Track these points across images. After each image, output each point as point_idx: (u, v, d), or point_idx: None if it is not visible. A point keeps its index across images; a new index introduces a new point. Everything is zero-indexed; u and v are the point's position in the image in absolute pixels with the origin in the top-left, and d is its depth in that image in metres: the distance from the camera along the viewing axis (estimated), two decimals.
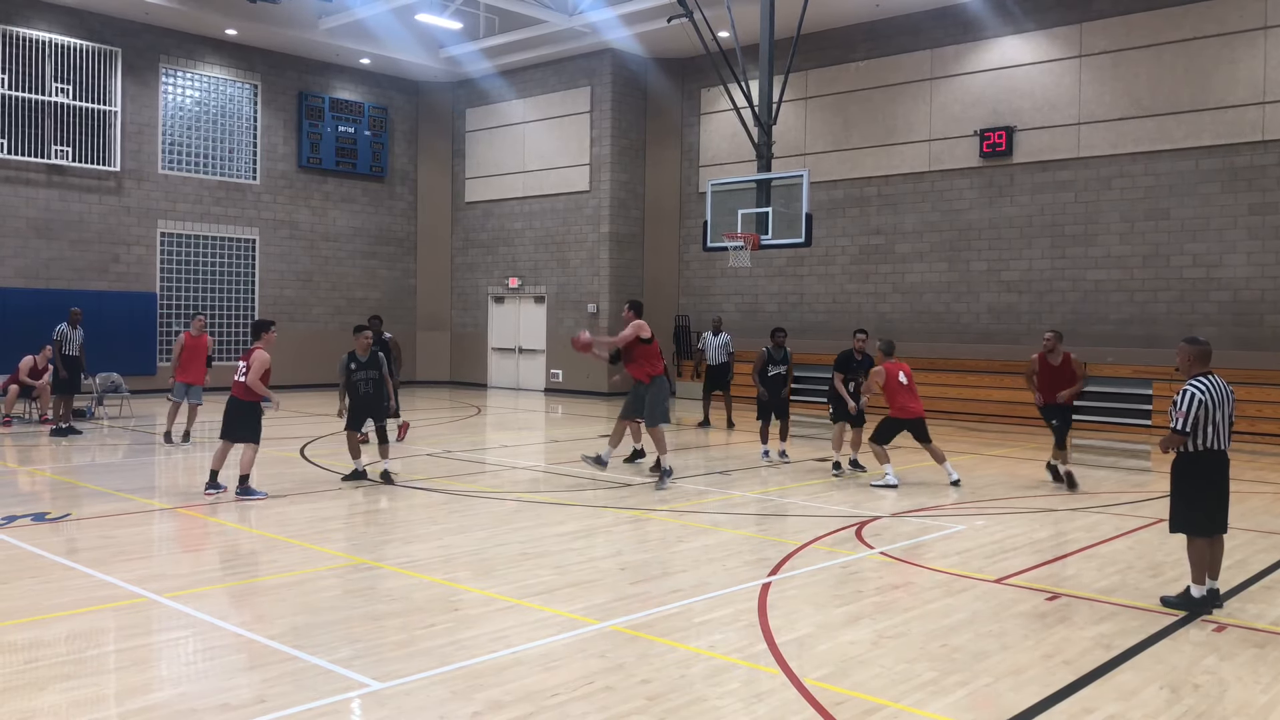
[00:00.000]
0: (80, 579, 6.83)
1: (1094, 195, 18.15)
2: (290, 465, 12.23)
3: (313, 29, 22.49)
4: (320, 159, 24.53)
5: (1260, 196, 16.54)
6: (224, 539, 8.33)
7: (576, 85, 24.03)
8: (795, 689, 4.95)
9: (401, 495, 10.31)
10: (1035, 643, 5.75)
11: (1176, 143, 17.27)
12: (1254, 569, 7.63)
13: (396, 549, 7.86)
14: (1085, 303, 18.19)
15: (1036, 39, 18.83)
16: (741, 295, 22.91)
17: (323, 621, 5.92)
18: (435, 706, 4.66)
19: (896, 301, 20.51)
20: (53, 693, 4.77)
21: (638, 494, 10.54)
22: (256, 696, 4.74)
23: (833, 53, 21.31)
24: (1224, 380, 6.58)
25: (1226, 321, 16.78)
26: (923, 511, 9.78)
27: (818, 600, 6.55)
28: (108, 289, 21.24)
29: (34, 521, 8.65)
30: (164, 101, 22.20)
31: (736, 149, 21.97)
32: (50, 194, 20.66)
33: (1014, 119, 18.97)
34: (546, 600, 6.47)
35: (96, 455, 13.23)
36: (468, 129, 26.46)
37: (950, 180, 19.84)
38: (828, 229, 21.02)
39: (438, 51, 24.51)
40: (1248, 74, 16.58)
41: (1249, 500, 10.63)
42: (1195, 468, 6.48)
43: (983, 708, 4.77)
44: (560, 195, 24.42)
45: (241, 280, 23.58)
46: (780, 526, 9.23)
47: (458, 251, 26.85)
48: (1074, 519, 9.55)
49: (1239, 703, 4.91)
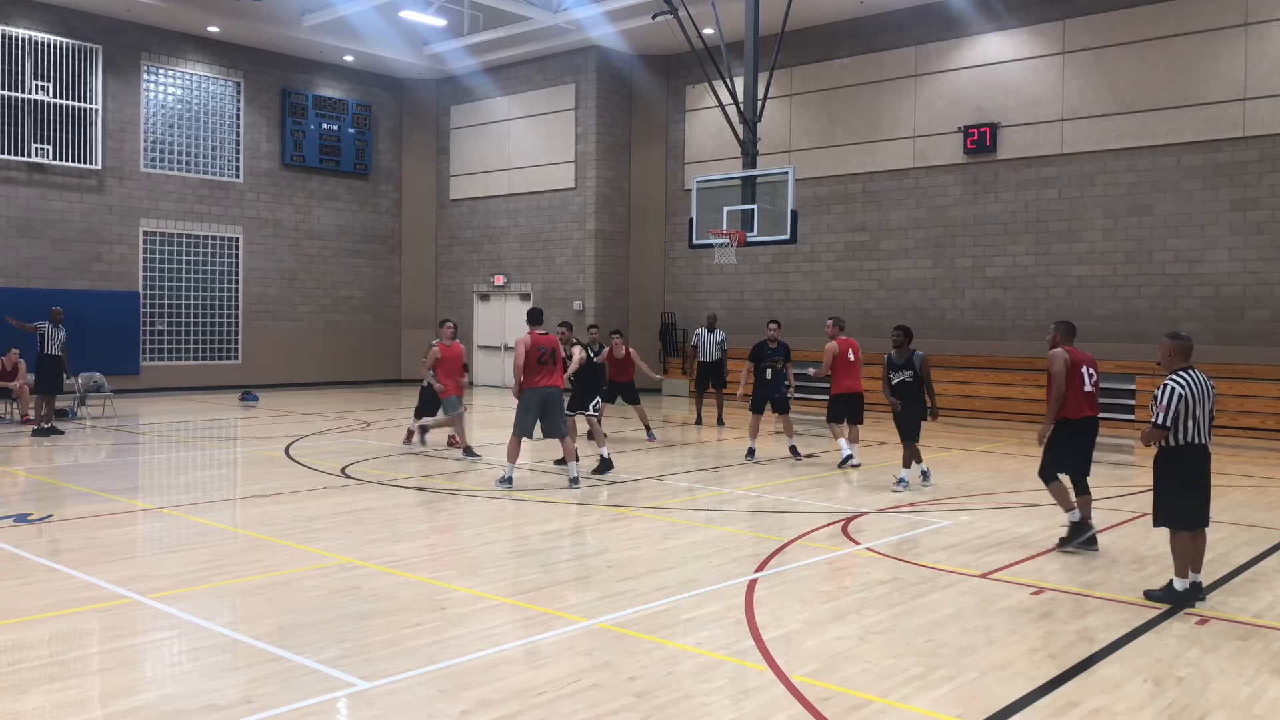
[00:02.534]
0: (64, 580, 6.78)
1: (1077, 191, 18.25)
2: (275, 465, 12.18)
3: (296, 26, 22.38)
4: (304, 156, 24.42)
5: (1242, 192, 16.66)
6: (209, 539, 8.29)
7: (561, 82, 23.99)
8: (782, 685, 4.96)
9: (387, 494, 10.28)
10: (1021, 637, 5.78)
11: (1159, 139, 17.37)
12: (1236, 562, 7.69)
13: (383, 548, 7.84)
14: (1069, 298, 18.28)
15: (1020, 36, 18.91)
16: (727, 292, 22.93)
17: (309, 621, 5.90)
18: (423, 705, 4.65)
19: (882, 298, 20.56)
20: (37, 695, 4.73)
21: (624, 492, 10.55)
22: (243, 697, 4.72)
23: (817, 49, 21.34)
24: (1205, 375, 6.64)
25: (1208, 317, 16.90)
26: (909, 507, 9.81)
27: (804, 596, 6.57)
28: (90, 288, 21.10)
29: (16, 523, 8.59)
30: (146, 99, 22.05)
31: (722, 146, 21.98)
32: (31, 193, 20.50)
33: (998, 115, 19.04)
34: (533, 598, 6.46)
35: (79, 456, 13.14)
36: (452, 126, 26.39)
37: (935, 177, 19.90)
38: (813, 226, 21.06)
39: (422, 48, 24.43)
40: (1229, 70, 16.69)
41: (1231, 494, 10.71)
42: (1177, 462, 6.54)
43: (969, 702, 4.79)
44: (545, 192, 24.39)
45: (225, 279, 23.46)
46: (767, 523, 9.25)
47: (443, 249, 26.78)
48: (1058, 514, 9.58)
49: (1222, 695, 4.95)
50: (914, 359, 10.43)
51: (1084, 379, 7.89)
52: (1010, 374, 18.36)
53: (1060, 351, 7.95)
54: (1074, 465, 8.04)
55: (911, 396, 10.51)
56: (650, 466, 12.42)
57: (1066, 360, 7.88)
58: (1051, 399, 7.89)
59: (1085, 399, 7.91)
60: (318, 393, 22.96)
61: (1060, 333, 8.11)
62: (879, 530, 8.74)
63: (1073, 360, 7.91)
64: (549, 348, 10.65)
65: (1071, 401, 7.87)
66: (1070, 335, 8.14)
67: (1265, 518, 9.51)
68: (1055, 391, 7.86)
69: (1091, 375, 7.96)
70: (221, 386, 22.89)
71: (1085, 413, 7.93)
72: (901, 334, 10.57)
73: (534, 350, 10.56)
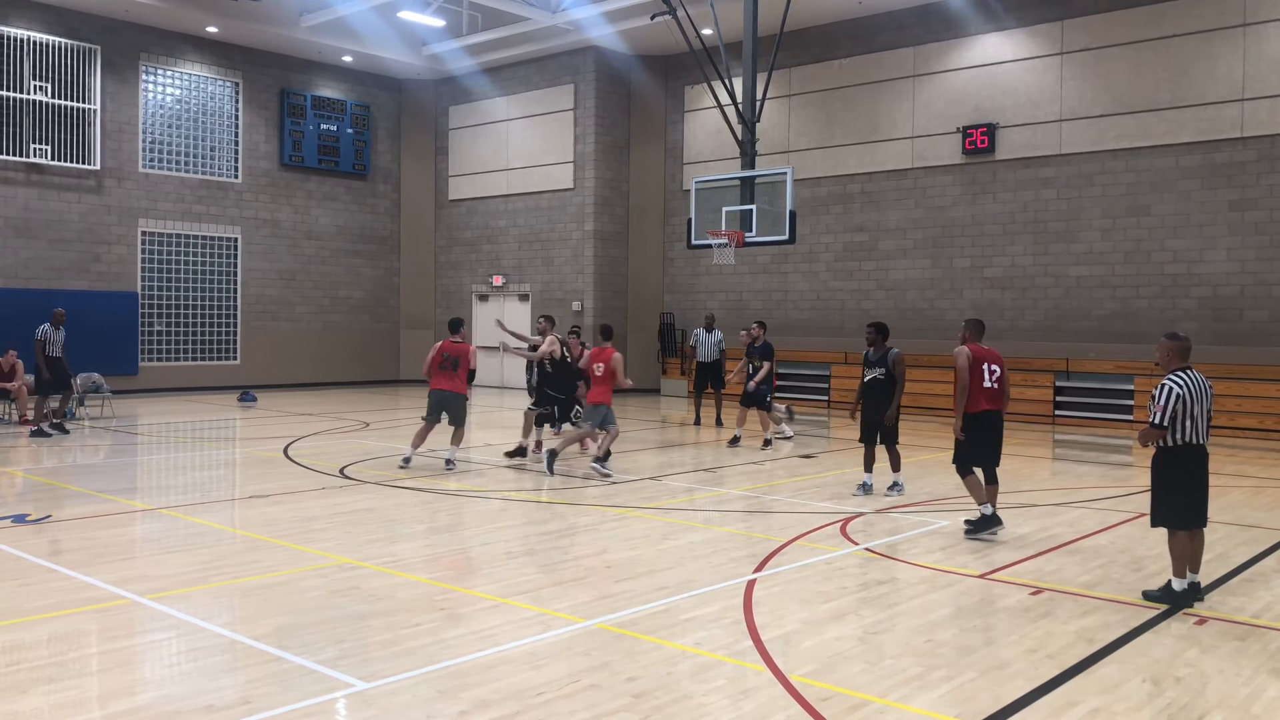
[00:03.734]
0: (62, 581, 6.78)
1: (1076, 192, 18.26)
2: (274, 465, 12.18)
3: (294, 26, 22.37)
4: (302, 157, 24.41)
5: (1240, 193, 16.67)
6: (207, 540, 8.29)
7: (560, 83, 23.99)
8: (781, 685, 4.96)
9: (386, 495, 10.28)
10: (1019, 637, 5.78)
11: (1157, 139, 17.38)
12: (1234, 562, 7.70)
13: (381, 548, 7.83)
14: (1067, 299, 18.29)
15: (1018, 36, 18.92)
16: (726, 293, 22.94)
17: (308, 622, 5.90)
18: (421, 706, 4.65)
19: (880, 298, 20.57)
20: (35, 696, 4.73)
21: (623, 492, 10.55)
22: (241, 698, 4.72)
23: (816, 50, 21.35)
24: (1203, 375, 6.65)
25: (1206, 317, 16.91)
26: (907, 507, 9.82)
27: (803, 596, 6.57)
28: (88, 289, 21.08)
29: (15, 523, 8.59)
30: (144, 99, 22.04)
31: (720, 146, 21.98)
32: (29, 193, 20.48)
33: (996, 116, 19.05)
34: (532, 599, 6.46)
35: (78, 456, 13.13)
36: (451, 126, 26.38)
37: (933, 177, 19.91)
38: (811, 226, 21.07)
39: (420, 49, 24.42)
40: (1227, 71, 16.70)
41: (1229, 494, 10.72)
42: (1175, 462, 6.55)
43: (967, 702, 4.79)
44: (544, 193, 24.39)
45: (224, 279, 23.45)
46: (765, 523, 9.25)
47: (441, 249, 26.78)
48: (1057, 514, 9.61)
49: (1220, 695, 4.96)
50: (888, 357, 10.22)
51: (984, 375, 8.31)
52: (1010, 374, 18.34)
53: (963, 349, 8.38)
54: (986, 458, 8.46)
55: (878, 395, 10.22)
56: (649, 467, 12.42)
57: (969, 356, 8.31)
58: (957, 394, 8.31)
59: (985, 394, 8.32)
60: (316, 393, 22.95)
61: (969, 330, 8.59)
62: (877, 530, 8.74)
63: (974, 356, 8.33)
64: (453, 355, 11.78)
65: (973, 396, 8.29)
66: (979, 333, 8.60)
67: (1263, 518, 9.52)
68: (959, 386, 8.26)
69: (994, 372, 8.35)
70: (220, 387, 22.88)
71: (984, 407, 8.31)
72: (873, 330, 10.38)
73: (438, 355, 11.82)
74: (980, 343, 8.57)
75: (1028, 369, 18.22)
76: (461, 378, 11.81)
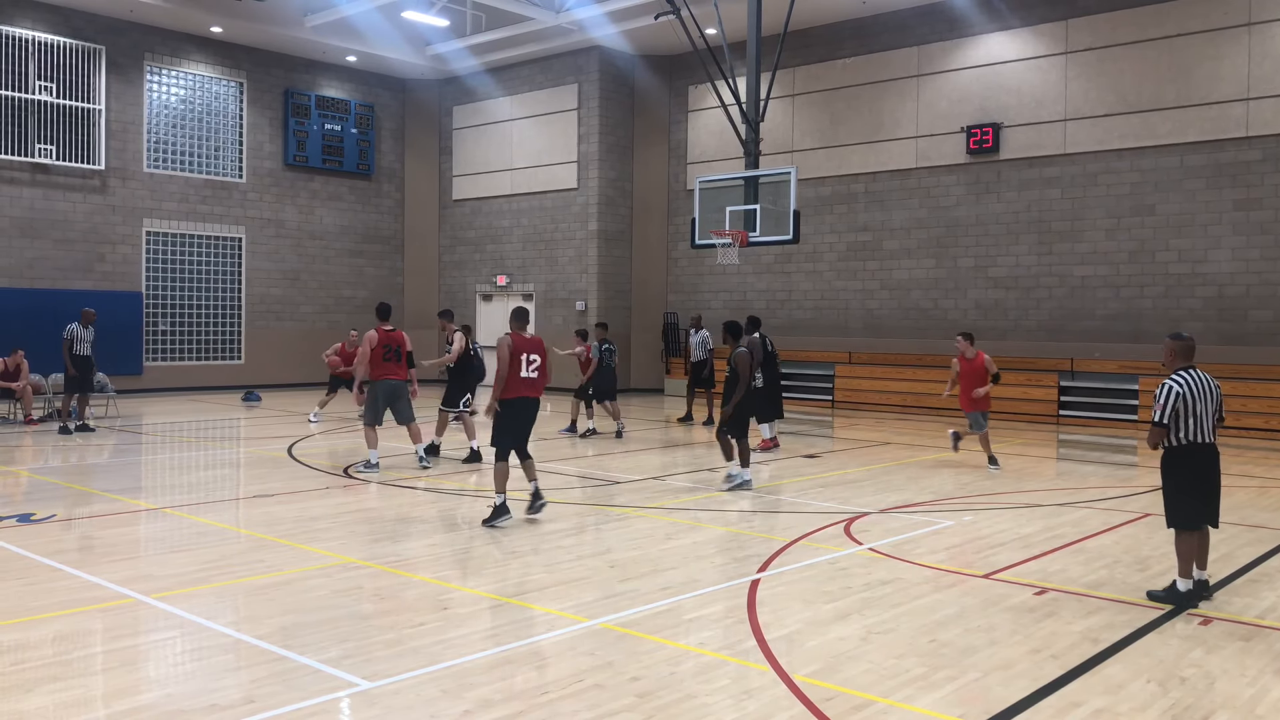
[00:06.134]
0: (67, 580, 6.79)
1: (1080, 191, 18.23)
2: (278, 465, 12.19)
3: (298, 27, 22.40)
4: (307, 157, 24.43)
5: (1245, 192, 16.64)
6: (211, 539, 8.30)
7: (564, 82, 24.00)
8: (785, 685, 4.96)
9: (389, 494, 10.29)
10: (1023, 637, 5.77)
11: (1162, 139, 17.35)
12: (1240, 562, 7.68)
13: (385, 548, 7.84)
14: (1071, 298, 18.26)
15: (1023, 36, 18.89)
16: (730, 292, 22.93)
17: (311, 621, 5.90)
18: (425, 705, 4.66)
19: (884, 298, 20.55)
20: (40, 695, 4.74)
21: (626, 492, 10.55)
22: (245, 697, 4.73)
23: (820, 50, 21.33)
24: (1208, 375, 6.64)
25: (1211, 317, 16.87)
26: (911, 507, 9.81)
27: (807, 596, 6.57)
28: (93, 288, 21.11)
29: (20, 523, 8.60)
30: (149, 99, 22.07)
31: (724, 146, 21.97)
32: (34, 193, 20.52)
33: (1000, 116, 19.03)
34: (535, 598, 6.46)
35: (83, 456, 13.15)
36: (455, 126, 26.40)
37: (937, 177, 19.89)
38: (815, 226, 21.05)
39: (424, 49, 24.44)
40: (1232, 70, 16.67)
41: (1234, 494, 10.69)
42: (1181, 461, 6.55)
43: (971, 702, 4.79)
44: (548, 193, 24.39)
45: (228, 279, 23.48)
46: (769, 523, 9.25)
47: (445, 249, 26.79)
48: (1061, 514, 9.60)
49: (1225, 695, 4.95)
50: (733, 355, 10.60)
51: (522, 365, 8.81)
52: (1012, 374, 18.30)
53: (505, 337, 8.84)
54: (515, 442, 8.97)
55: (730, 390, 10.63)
56: (652, 467, 12.42)
57: (510, 345, 8.76)
58: (495, 380, 8.81)
59: (523, 383, 8.86)
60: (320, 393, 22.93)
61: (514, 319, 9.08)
62: (881, 530, 8.73)
63: (515, 345, 8.79)
64: (394, 344, 11.53)
65: (510, 383, 8.77)
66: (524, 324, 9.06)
67: (1268, 518, 9.50)
68: (498, 373, 8.78)
69: (533, 362, 8.87)
70: (224, 387, 22.91)
71: (523, 394, 8.87)
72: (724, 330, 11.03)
73: (379, 347, 11.43)
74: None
75: (1032, 369, 18.18)
76: (404, 365, 11.71)
